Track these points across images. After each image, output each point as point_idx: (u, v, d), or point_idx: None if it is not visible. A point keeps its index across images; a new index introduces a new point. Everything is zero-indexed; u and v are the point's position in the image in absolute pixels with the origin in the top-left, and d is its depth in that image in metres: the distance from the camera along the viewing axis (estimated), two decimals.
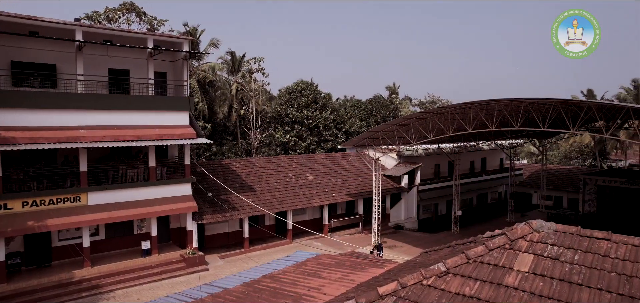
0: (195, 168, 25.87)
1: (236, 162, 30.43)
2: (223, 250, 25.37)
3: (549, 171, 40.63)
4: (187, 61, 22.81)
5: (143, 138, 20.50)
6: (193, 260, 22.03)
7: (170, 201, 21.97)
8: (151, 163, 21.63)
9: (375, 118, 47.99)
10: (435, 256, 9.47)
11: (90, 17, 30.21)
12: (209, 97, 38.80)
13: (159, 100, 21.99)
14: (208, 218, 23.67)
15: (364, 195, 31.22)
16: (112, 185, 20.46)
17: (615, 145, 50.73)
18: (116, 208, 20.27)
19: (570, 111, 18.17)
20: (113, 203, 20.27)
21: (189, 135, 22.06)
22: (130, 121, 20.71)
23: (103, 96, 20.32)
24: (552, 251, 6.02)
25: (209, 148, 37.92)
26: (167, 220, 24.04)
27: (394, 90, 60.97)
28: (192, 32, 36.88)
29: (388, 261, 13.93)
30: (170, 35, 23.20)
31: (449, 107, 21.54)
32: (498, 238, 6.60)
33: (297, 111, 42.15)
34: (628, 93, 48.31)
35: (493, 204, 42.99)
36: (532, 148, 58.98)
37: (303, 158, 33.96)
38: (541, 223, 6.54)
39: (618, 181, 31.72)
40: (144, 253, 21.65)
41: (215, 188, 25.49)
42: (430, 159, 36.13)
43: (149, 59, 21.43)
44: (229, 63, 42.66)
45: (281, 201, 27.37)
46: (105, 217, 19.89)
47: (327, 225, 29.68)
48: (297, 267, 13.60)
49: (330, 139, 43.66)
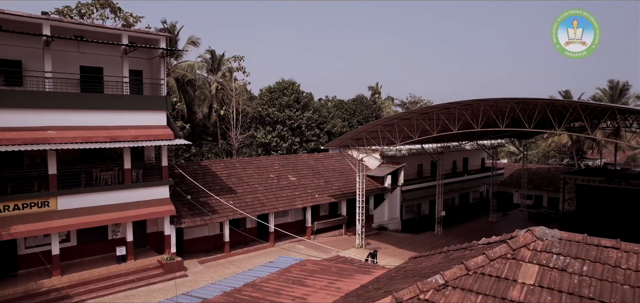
0: (173, 170, 24.92)
1: (216, 163, 29.55)
2: (203, 254, 24.49)
3: (529, 171, 41.06)
4: (164, 59, 21.89)
5: (117, 139, 19.50)
6: (171, 266, 21.13)
7: (147, 204, 21.00)
8: (126, 165, 20.63)
9: (358, 118, 47.67)
10: (427, 264, 9.01)
11: (61, 12, 28.79)
12: (188, 97, 37.71)
13: (134, 99, 20.99)
14: (187, 222, 22.78)
15: (347, 196, 30.77)
16: (84, 189, 19.37)
17: (591, 145, 51.80)
18: (88, 212, 19.20)
19: (555, 111, 18.10)
20: (85, 207, 19.19)
21: (166, 136, 21.15)
22: (103, 121, 19.68)
23: (74, 95, 19.23)
24: (558, 261, 5.60)
25: (188, 149, 36.85)
26: (144, 225, 23.04)
27: (376, 90, 60.85)
28: (170, 29, 35.75)
29: (376, 267, 13.46)
30: (146, 32, 22.20)
31: (433, 107, 21.26)
32: (499, 247, 6.15)
33: (279, 110, 41.43)
34: (604, 94, 49.31)
35: (475, 204, 43.21)
36: (511, 148, 59.82)
37: (285, 159, 33.30)
38: (544, 230, 6.12)
39: (597, 181, 32.17)
40: (118, 260, 20.63)
41: (195, 190, 24.60)
42: (413, 159, 35.98)
43: (124, 56, 20.43)
44: (208, 62, 41.61)
45: (263, 203, 26.65)
46: (77, 222, 18.80)
47: (310, 227, 29.10)
48: (281, 274, 12.99)
49: (313, 140, 43.09)
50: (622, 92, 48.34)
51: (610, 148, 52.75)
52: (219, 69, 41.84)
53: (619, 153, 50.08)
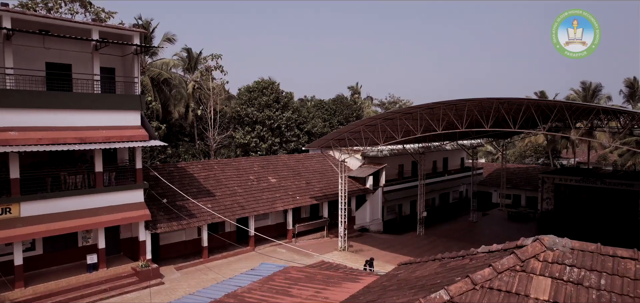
0: (148, 173, 23.82)
1: (193, 165, 28.51)
2: (180, 260, 23.50)
3: (507, 171, 41.51)
4: (138, 56, 20.81)
5: (87, 140, 18.37)
6: (146, 274, 20.11)
7: (120, 209, 19.91)
8: (97, 167, 19.50)
9: (338, 118, 47.23)
10: (422, 273, 8.52)
11: (25, 6, 27.13)
12: (163, 96, 36.42)
13: (106, 98, 19.86)
14: (163, 227, 21.76)
15: (329, 197, 30.26)
16: (51, 193, 18.16)
17: (566, 144, 52.95)
18: (56, 219, 18.00)
19: (539, 110, 18.05)
20: (52, 213, 17.98)
21: (140, 137, 20.10)
22: (72, 121, 18.51)
23: (39, 93, 17.97)
24: (572, 274, 5.18)
25: (164, 151, 35.56)
26: (117, 230, 21.89)
27: (356, 90, 60.61)
28: (145, 26, 34.39)
29: (364, 274, 12.95)
30: (118, 27, 21.07)
31: (417, 107, 20.94)
32: (507, 258, 5.70)
33: (258, 110, 40.55)
34: (577, 95, 50.43)
35: (455, 203, 43.42)
36: (489, 148, 60.60)
37: (265, 160, 32.52)
38: (554, 239, 5.70)
39: (574, 180, 32.70)
40: (89, 268, 19.47)
41: (171, 193, 23.58)
42: (394, 159, 35.77)
43: (94, 53, 19.28)
44: (185, 60, 40.33)
45: (242, 206, 25.82)
46: (42, 230, 17.57)
47: (291, 230, 28.43)
48: (263, 282, 12.31)
49: (293, 140, 42.39)
50: (595, 93, 49.55)
51: (583, 147, 54.10)
52: (196, 68, 40.64)
53: (590, 152, 51.39)
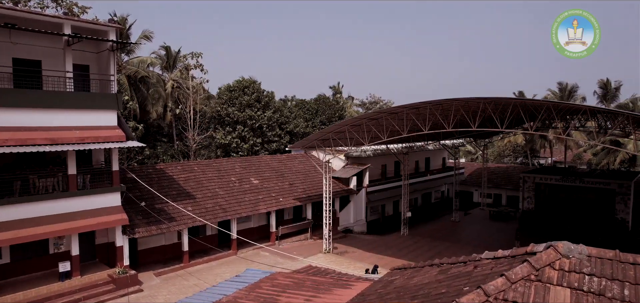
0: (126, 175, 22.83)
1: (173, 166, 27.55)
2: (160, 265, 22.59)
3: (488, 170, 41.92)
4: (114, 53, 19.84)
5: (59, 141, 17.34)
6: (124, 281, 19.20)
7: (96, 214, 18.92)
8: (71, 170, 18.47)
9: (320, 118, 46.80)
10: (420, 279, 8.12)
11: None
12: (141, 95, 35.19)
13: (80, 97, 18.82)
14: (141, 231, 20.83)
15: (313, 198, 29.78)
16: (20, 198, 17.05)
17: (543, 144, 54.04)
18: (25, 225, 16.91)
19: (527, 110, 18.05)
20: (21, 219, 16.88)
21: (117, 137, 19.16)
22: (42, 121, 17.44)
23: (5, 91, 16.80)
24: (593, 284, 4.85)
25: (141, 151, 34.34)
26: (92, 236, 20.85)
27: (338, 90, 60.30)
28: (120, 22, 33.12)
29: (355, 279, 12.52)
30: (93, 22, 20.02)
31: (403, 106, 20.68)
32: (520, 267, 5.33)
33: (239, 110, 39.71)
34: (554, 95, 51.50)
35: (437, 203, 43.60)
36: (469, 147, 61.31)
37: (247, 161, 31.79)
38: (569, 246, 5.38)
39: (553, 179, 33.14)
40: (62, 277, 18.42)
41: (149, 196, 22.65)
42: (377, 160, 35.57)
43: (67, 49, 18.24)
44: (163, 58, 39.13)
45: (224, 209, 25.06)
46: (9, 237, 16.45)
47: (274, 232, 27.81)
48: (250, 290, 11.71)
49: (274, 140, 41.71)
50: (571, 94, 50.70)
51: (560, 146, 55.34)
52: (175, 67, 39.48)
53: (566, 151, 52.60)
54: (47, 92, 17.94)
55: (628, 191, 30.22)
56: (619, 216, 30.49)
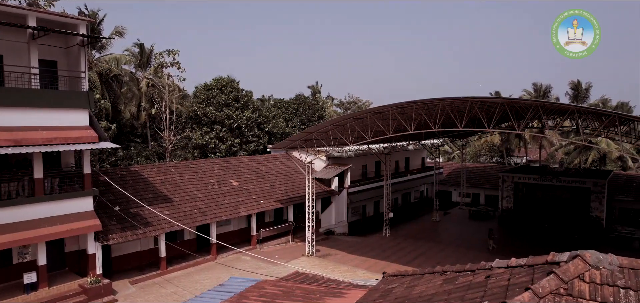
0: (98, 178, 21.58)
1: (148, 168, 26.34)
2: (135, 273, 21.48)
3: (466, 169, 42.27)
4: (85, 48, 18.66)
5: (23, 143, 16.10)
6: (97, 291, 18.07)
7: (65, 220, 17.71)
8: (37, 173, 17.20)
9: (300, 118, 46.15)
10: (422, 289, 7.60)
11: None
12: (113, 94, 33.69)
13: (47, 95, 17.56)
14: (115, 237, 19.69)
15: (294, 200, 29.13)
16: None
17: (518, 143, 55.12)
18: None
19: (513, 110, 18.01)
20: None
21: (88, 138, 18.01)
22: (5, 120, 16.15)
23: None
24: (629, 298, 4.46)
25: (115, 153, 32.84)
26: (62, 243, 19.57)
27: (316, 89, 59.78)
28: (91, 16, 31.55)
29: (345, 287, 12.00)
30: (61, 14, 18.74)
31: (388, 106, 20.33)
32: (547, 279, 4.90)
33: (217, 110, 38.62)
34: (529, 95, 52.59)
35: (416, 203, 43.66)
36: (446, 147, 61.95)
37: (226, 162, 30.83)
38: (598, 256, 4.98)
39: (532, 178, 33.63)
40: (27, 289, 17.14)
41: (124, 200, 21.50)
42: (358, 160, 35.25)
43: (31, 42, 16.97)
44: (136, 56, 37.60)
45: (203, 212, 24.11)
46: None
47: (255, 236, 27.01)
48: (235, 301, 11.00)
49: (253, 140, 40.82)
50: (545, 94, 51.90)
51: (534, 145, 56.58)
52: (149, 64, 38.01)
53: (538, 150, 53.86)
54: (10, 89, 16.61)
55: (602, 190, 30.96)
56: (594, 214, 31.20)
